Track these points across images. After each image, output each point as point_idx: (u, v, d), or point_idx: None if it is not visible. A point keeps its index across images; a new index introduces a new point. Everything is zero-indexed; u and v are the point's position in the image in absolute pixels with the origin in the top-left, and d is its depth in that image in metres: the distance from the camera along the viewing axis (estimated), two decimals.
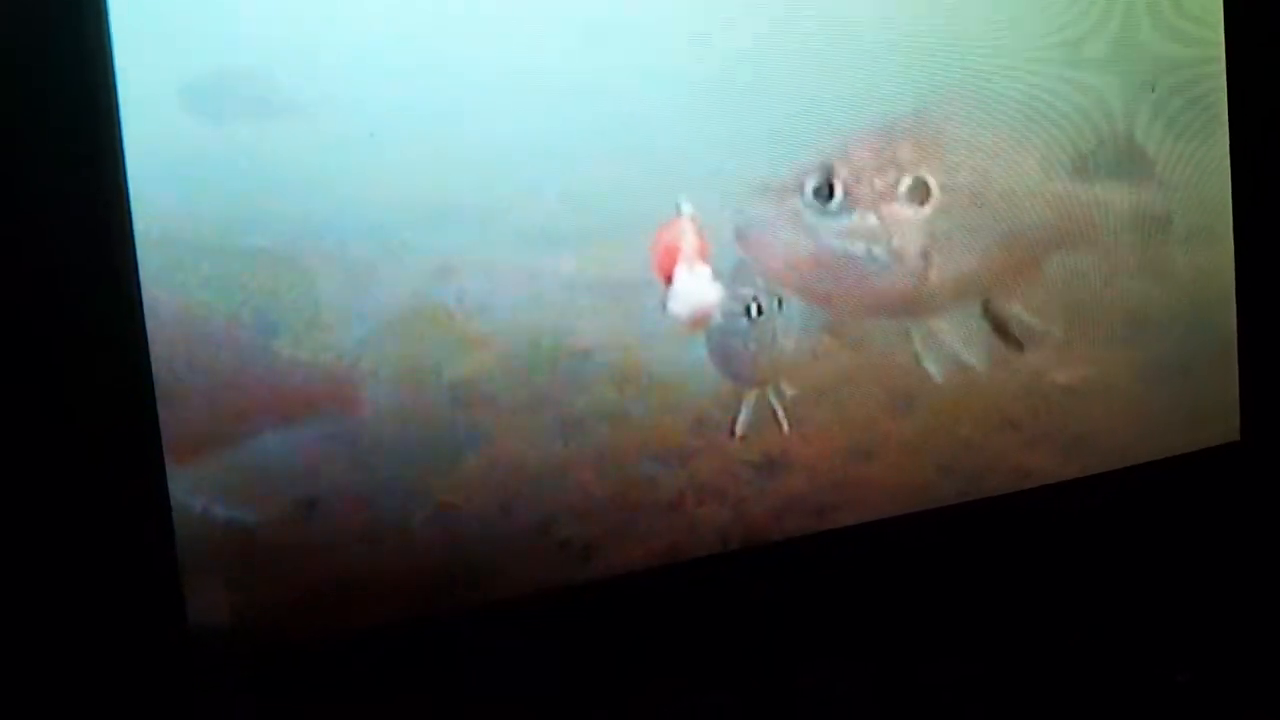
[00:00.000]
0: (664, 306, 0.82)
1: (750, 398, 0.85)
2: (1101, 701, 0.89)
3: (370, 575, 0.76)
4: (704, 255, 0.82)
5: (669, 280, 0.82)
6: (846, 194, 0.85)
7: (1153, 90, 0.93)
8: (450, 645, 0.80)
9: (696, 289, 0.83)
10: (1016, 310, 0.91)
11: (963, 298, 0.90)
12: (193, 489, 0.72)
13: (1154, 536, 0.99)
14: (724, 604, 0.87)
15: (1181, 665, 0.91)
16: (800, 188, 0.84)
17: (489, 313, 0.77)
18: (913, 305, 0.89)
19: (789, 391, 0.86)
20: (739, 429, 0.85)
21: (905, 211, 0.87)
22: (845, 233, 0.86)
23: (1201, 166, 0.97)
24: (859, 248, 0.86)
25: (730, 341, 0.85)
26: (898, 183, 0.87)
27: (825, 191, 0.85)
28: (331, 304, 0.74)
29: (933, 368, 0.90)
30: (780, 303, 0.86)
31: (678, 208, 0.81)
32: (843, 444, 0.88)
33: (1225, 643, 0.94)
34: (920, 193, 0.88)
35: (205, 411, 0.72)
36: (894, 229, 0.87)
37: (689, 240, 0.82)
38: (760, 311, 0.85)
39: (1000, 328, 0.91)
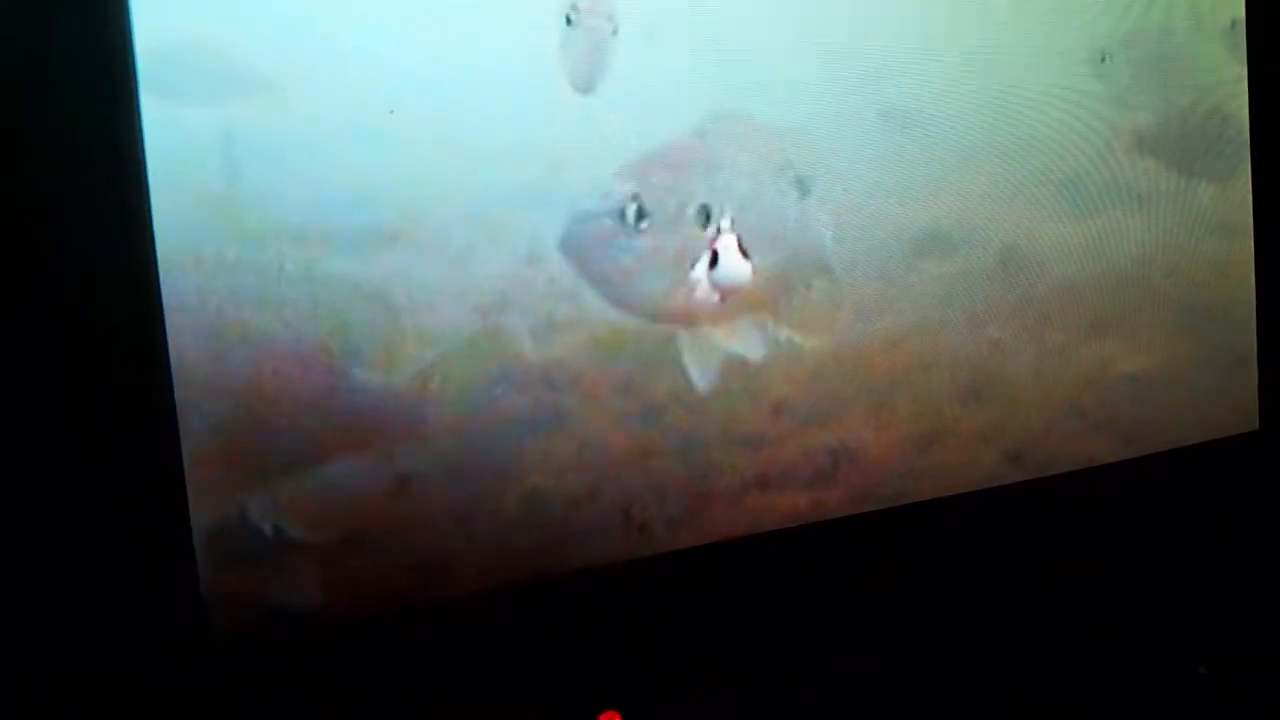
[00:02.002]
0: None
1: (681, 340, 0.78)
2: (1126, 692, 0.92)
3: (459, 552, 0.76)
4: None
5: None
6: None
7: (1103, 61, 0.92)
8: (527, 618, 0.80)
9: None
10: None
11: None
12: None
13: (1173, 524, 1.01)
14: (792, 580, 0.88)
15: (1204, 656, 0.94)
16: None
17: (576, 297, 0.77)
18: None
19: (735, 345, 0.81)
20: (697, 382, 0.80)
21: None
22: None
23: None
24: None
25: (605, 251, 0.75)
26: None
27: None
28: (429, 290, 0.74)
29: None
30: (708, 216, 0.76)
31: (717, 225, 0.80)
32: (913, 432, 0.89)
33: (1243, 634, 0.97)
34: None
35: (300, 397, 0.71)
36: None
37: None
38: (641, 216, 0.75)
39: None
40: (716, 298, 0.80)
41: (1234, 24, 0.97)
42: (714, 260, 0.80)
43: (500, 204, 0.74)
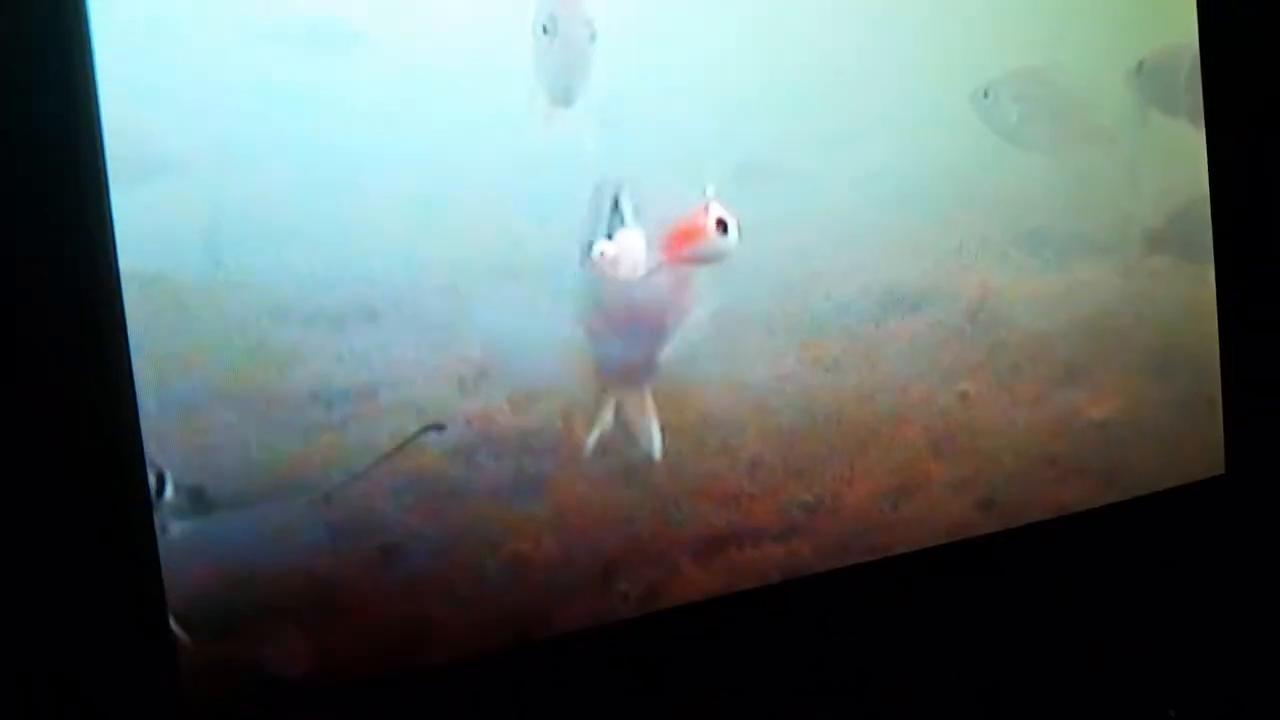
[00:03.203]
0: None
1: (611, 403, 0.80)
2: None
3: (444, 616, 0.77)
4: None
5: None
6: None
7: (985, 96, 0.91)
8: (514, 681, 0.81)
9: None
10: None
11: None
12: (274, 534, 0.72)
13: (1142, 569, 1.02)
14: (769, 638, 0.89)
15: (1173, 700, 0.94)
16: None
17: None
18: None
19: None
20: (590, 443, 0.80)
21: None
22: None
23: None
24: None
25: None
26: None
27: None
28: (406, 357, 0.75)
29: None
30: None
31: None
32: (888, 485, 0.90)
33: (1212, 678, 0.97)
34: None
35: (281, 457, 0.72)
36: None
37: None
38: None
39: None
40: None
41: (1141, 66, 0.96)
42: (723, 226, 0.80)
43: (473, 277, 0.76)
